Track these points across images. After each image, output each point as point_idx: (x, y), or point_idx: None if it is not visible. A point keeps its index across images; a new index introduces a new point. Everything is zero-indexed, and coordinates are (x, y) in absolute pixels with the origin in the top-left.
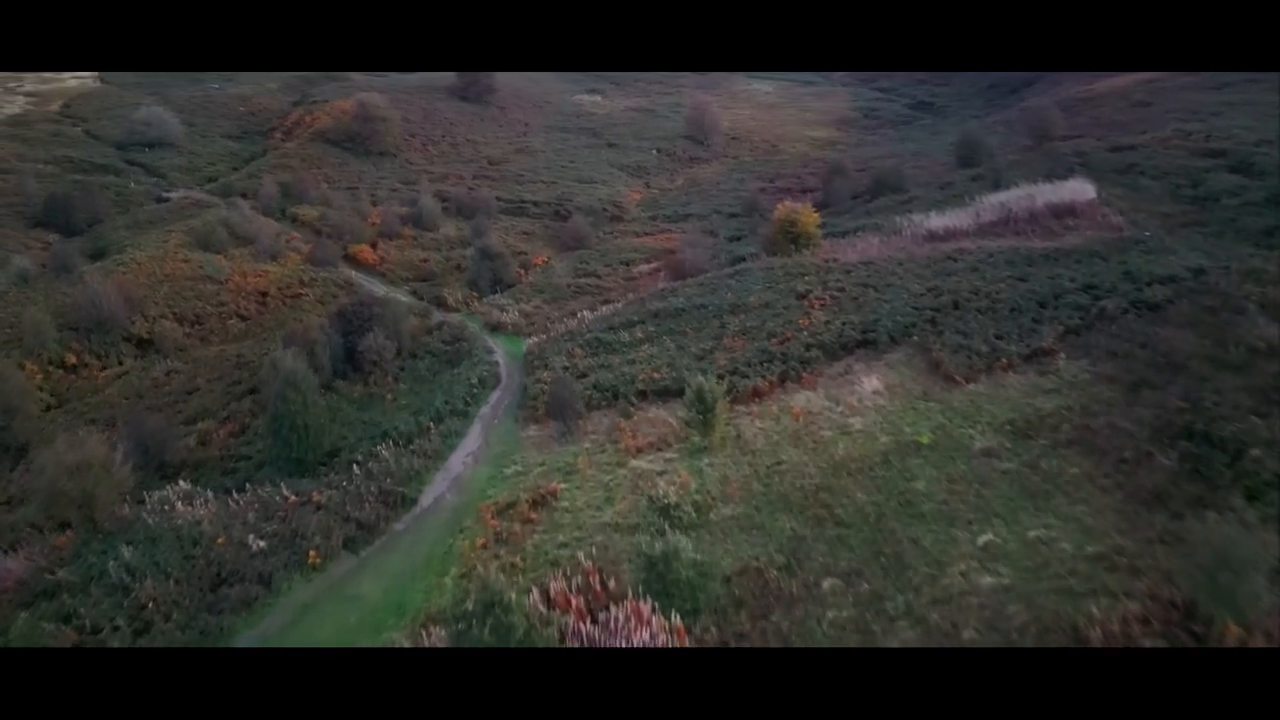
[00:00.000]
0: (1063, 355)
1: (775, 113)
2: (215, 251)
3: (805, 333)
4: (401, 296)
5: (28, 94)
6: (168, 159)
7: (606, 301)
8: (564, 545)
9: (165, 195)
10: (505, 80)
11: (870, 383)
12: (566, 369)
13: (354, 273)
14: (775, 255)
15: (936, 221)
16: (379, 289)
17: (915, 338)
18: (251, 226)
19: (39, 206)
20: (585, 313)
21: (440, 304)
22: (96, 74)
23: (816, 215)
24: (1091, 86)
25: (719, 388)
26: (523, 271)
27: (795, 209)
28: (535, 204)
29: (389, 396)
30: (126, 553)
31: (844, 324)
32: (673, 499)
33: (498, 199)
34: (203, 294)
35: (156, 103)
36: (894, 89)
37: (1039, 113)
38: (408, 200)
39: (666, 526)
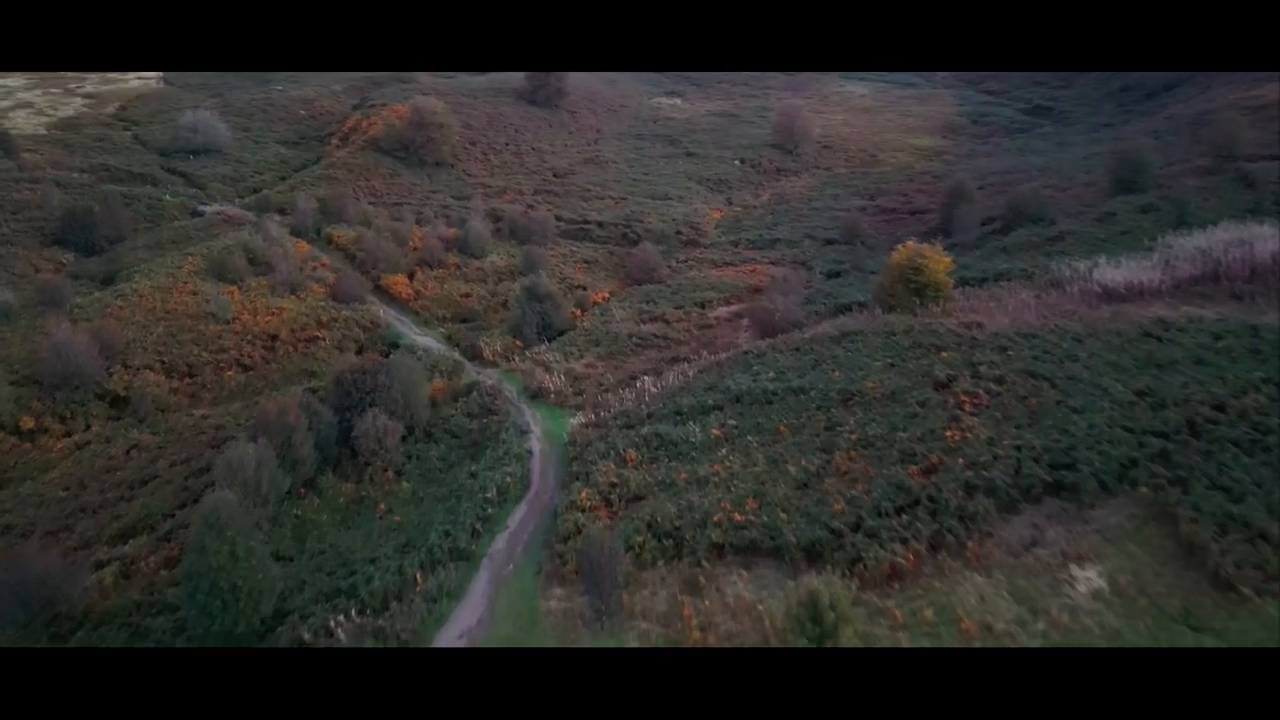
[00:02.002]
0: None
1: (872, 118)
2: (230, 281)
3: (959, 455)
4: (433, 342)
5: (86, 95)
6: (211, 167)
7: (675, 359)
8: None
9: (201, 209)
10: (579, 82)
11: (1085, 576)
12: (609, 499)
13: (382, 310)
14: (892, 310)
15: (1111, 273)
16: (410, 333)
17: (1143, 488)
18: (275, 252)
19: (59, 222)
20: (647, 378)
21: (476, 355)
22: (161, 75)
23: (948, 260)
24: (1258, 91)
25: (843, 595)
26: (578, 313)
27: (919, 251)
28: (600, 225)
29: (382, 506)
30: None
31: (1018, 446)
32: None
33: (558, 220)
34: (202, 337)
35: (217, 105)
36: (1005, 91)
37: (1220, 124)
38: (457, 220)
39: None
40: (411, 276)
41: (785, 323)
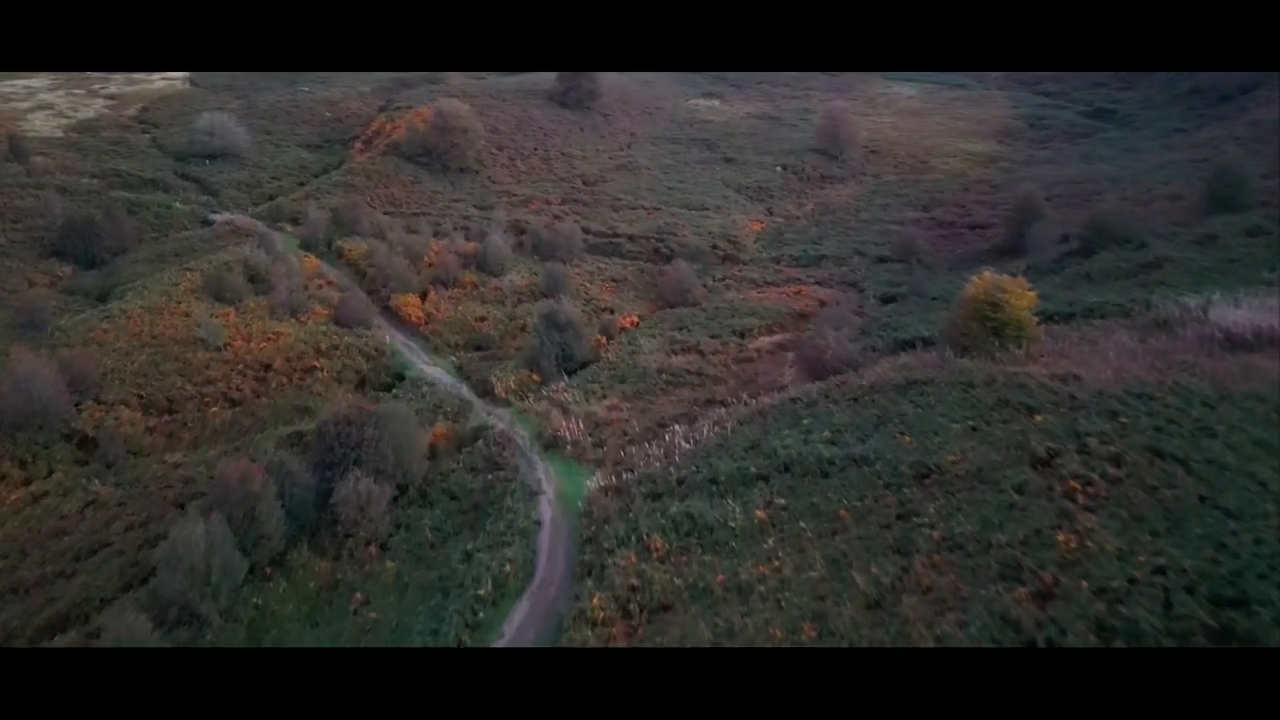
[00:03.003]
0: None
1: (921, 121)
2: (228, 301)
3: (1079, 574)
4: (442, 373)
5: (109, 97)
6: (226, 173)
7: (711, 401)
8: None
9: (212, 218)
10: (612, 83)
11: None
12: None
13: (389, 336)
14: (965, 351)
15: (1231, 313)
16: (419, 362)
17: None
18: (278, 269)
19: (59, 232)
20: (678, 428)
21: (487, 391)
22: (187, 75)
23: (1031, 295)
24: None
25: None
26: (603, 340)
27: (998, 284)
28: (630, 239)
29: (359, 595)
30: None
31: (1160, 567)
32: None
33: (586, 232)
34: (188, 366)
35: (242, 107)
36: (1063, 93)
37: None
38: (477, 233)
39: None
40: (424, 296)
41: (838, 362)
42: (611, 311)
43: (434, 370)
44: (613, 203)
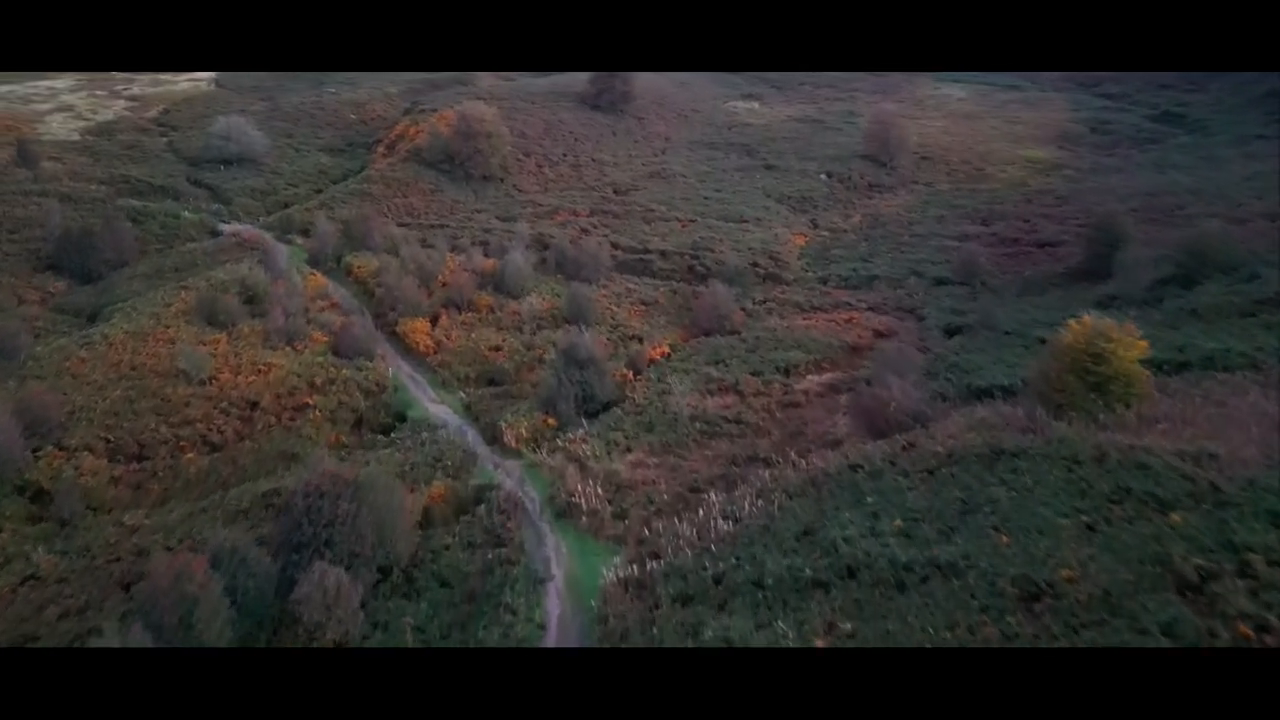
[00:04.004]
0: None
1: (975, 124)
2: (220, 325)
3: None
4: (448, 412)
5: (131, 98)
6: (241, 179)
7: (753, 458)
8: None
9: (221, 228)
10: (647, 84)
11: None
12: None
13: (393, 367)
14: (1060, 410)
15: None
16: (423, 399)
17: None
18: (278, 288)
19: (56, 243)
20: (715, 498)
21: (497, 438)
22: (213, 76)
23: (1142, 345)
24: None
25: None
26: (629, 375)
27: (1102, 332)
28: (663, 256)
29: None
30: None
31: None
32: None
33: (615, 248)
34: (166, 404)
35: (266, 109)
36: (1126, 95)
37: None
38: (497, 248)
39: None
40: (435, 321)
41: (902, 415)
42: (640, 340)
43: (440, 409)
44: (645, 214)
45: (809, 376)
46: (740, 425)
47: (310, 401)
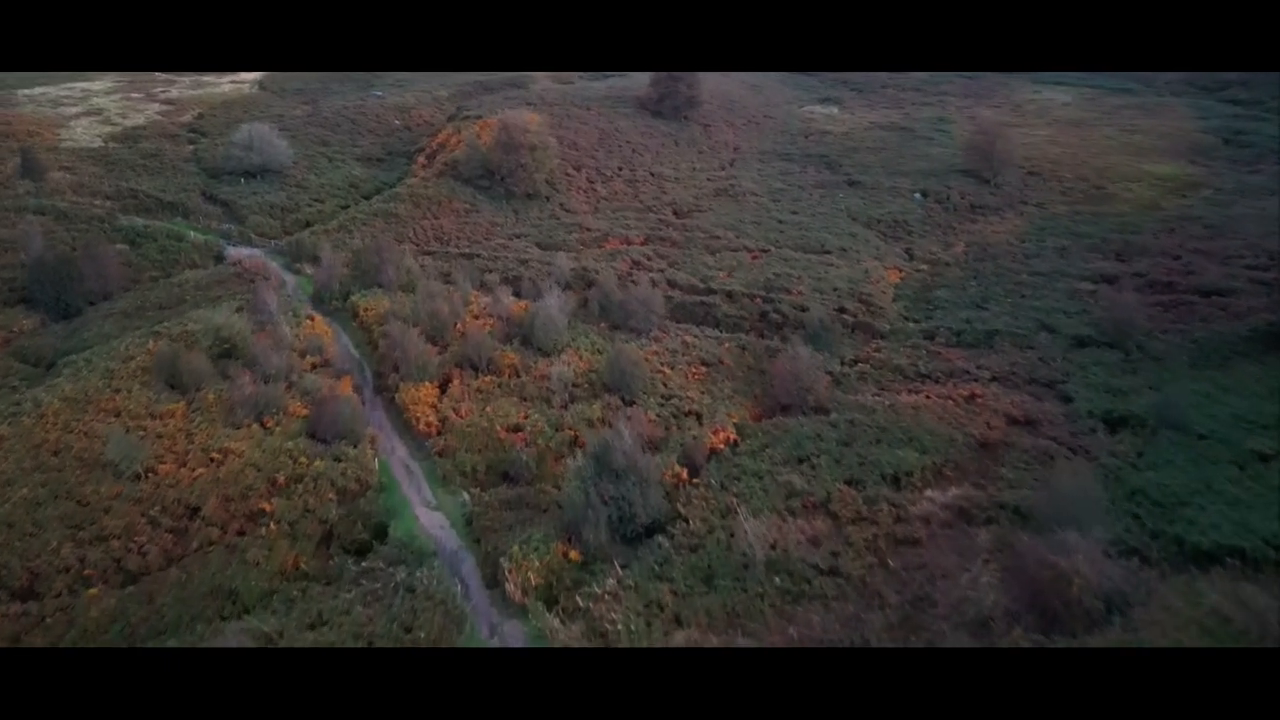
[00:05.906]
0: None
1: (1085, 134)
2: (181, 388)
3: None
4: (444, 525)
5: (166, 102)
6: (261, 194)
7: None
8: None
9: (227, 252)
10: (715, 87)
11: None
12: None
13: (384, 453)
14: None
15: None
16: (414, 502)
17: None
18: (260, 340)
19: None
20: None
21: (499, 578)
22: (257, 77)
23: None
24: None
25: None
26: (683, 475)
27: None
28: (729, 297)
29: None
30: None
31: None
32: None
33: (671, 286)
34: (81, 508)
35: (307, 114)
36: (1257, 101)
37: None
38: (530, 287)
39: None
40: (445, 386)
41: (1088, 595)
42: (698, 417)
43: (434, 520)
44: (708, 242)
45: (927, 492)
46: (837, 580)
47: (268, 508)
